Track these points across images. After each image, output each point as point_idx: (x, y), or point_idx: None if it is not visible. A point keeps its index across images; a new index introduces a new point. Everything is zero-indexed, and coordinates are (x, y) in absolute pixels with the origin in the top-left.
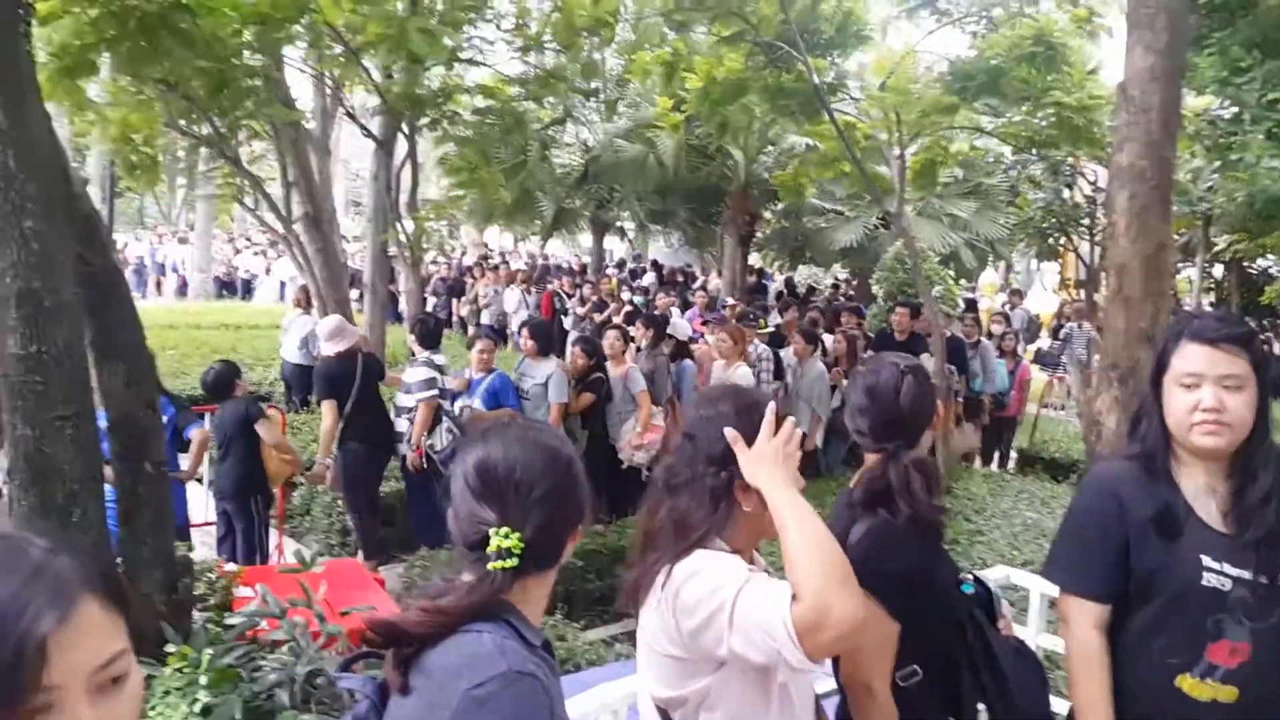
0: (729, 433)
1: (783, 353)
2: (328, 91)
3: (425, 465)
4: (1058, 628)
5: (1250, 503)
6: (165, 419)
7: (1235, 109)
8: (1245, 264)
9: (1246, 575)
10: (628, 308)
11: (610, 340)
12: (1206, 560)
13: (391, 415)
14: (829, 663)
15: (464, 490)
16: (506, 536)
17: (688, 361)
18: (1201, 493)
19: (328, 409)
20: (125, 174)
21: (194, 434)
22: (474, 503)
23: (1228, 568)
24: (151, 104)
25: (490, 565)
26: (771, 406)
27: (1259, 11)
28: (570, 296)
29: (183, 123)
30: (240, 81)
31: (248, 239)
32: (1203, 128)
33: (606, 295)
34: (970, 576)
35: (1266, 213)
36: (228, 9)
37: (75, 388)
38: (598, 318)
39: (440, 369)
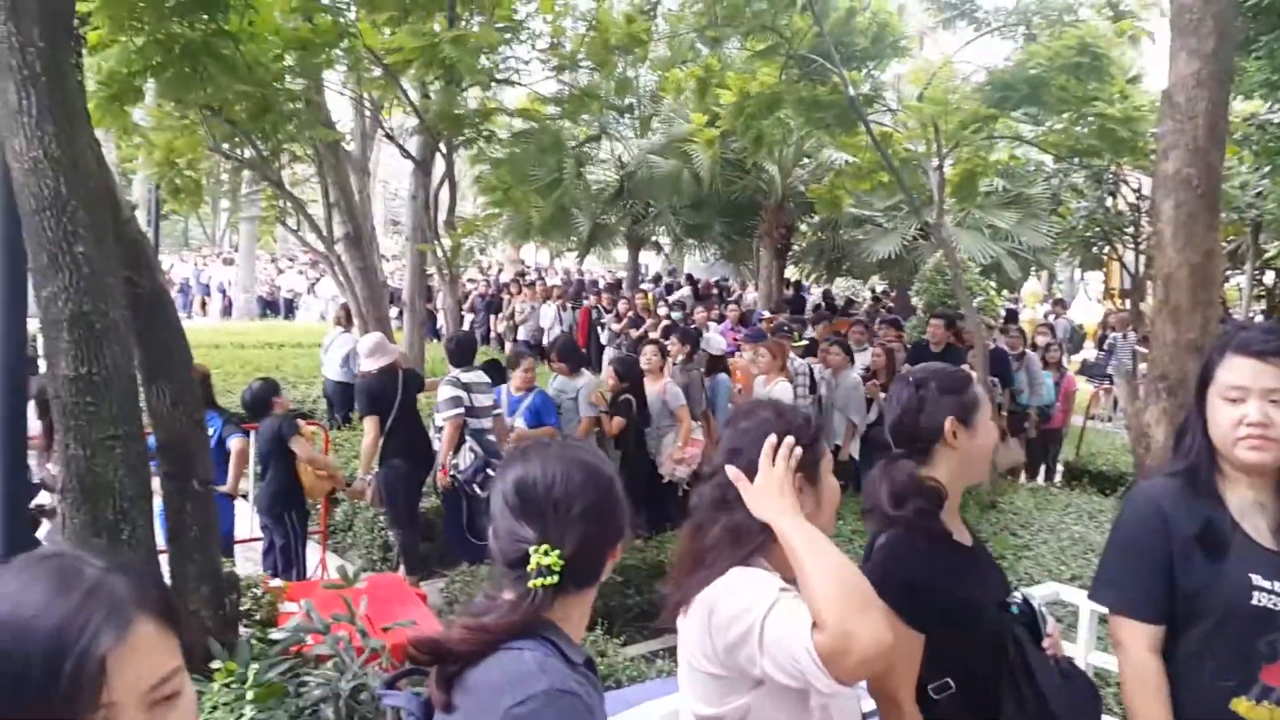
0: (730, 471)
1: (816, 365)
2: (367, 113)
3: (451, 485)
4: (1107, 645)
5: None
6: (212, 432)
7: None
8: None
9: None
10: (665, 322)
11: (648, 355)
12: (1256, 579)
13: (431, 432)
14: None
15: (503, 508)
16: (546, 554)
17: (722, 376)
18: (1249, 509)
19: (370, 425)
20: (170, 197)
21: (233, 444)
22: (513, 521)
23: (1278, 586)
24: (195, 128)
25: (530, 583)
26: (770, 440)
27: None
28: (607, 312)
29: (226, 146)
30: (282, 105)
31: (290, 259)
32: (1250, 133)
33: (642, 310)
34: (1019, 596)
35: None
36: (270, 35)
37: (125, 408)
38: (634, 333)
39: (467, 387)
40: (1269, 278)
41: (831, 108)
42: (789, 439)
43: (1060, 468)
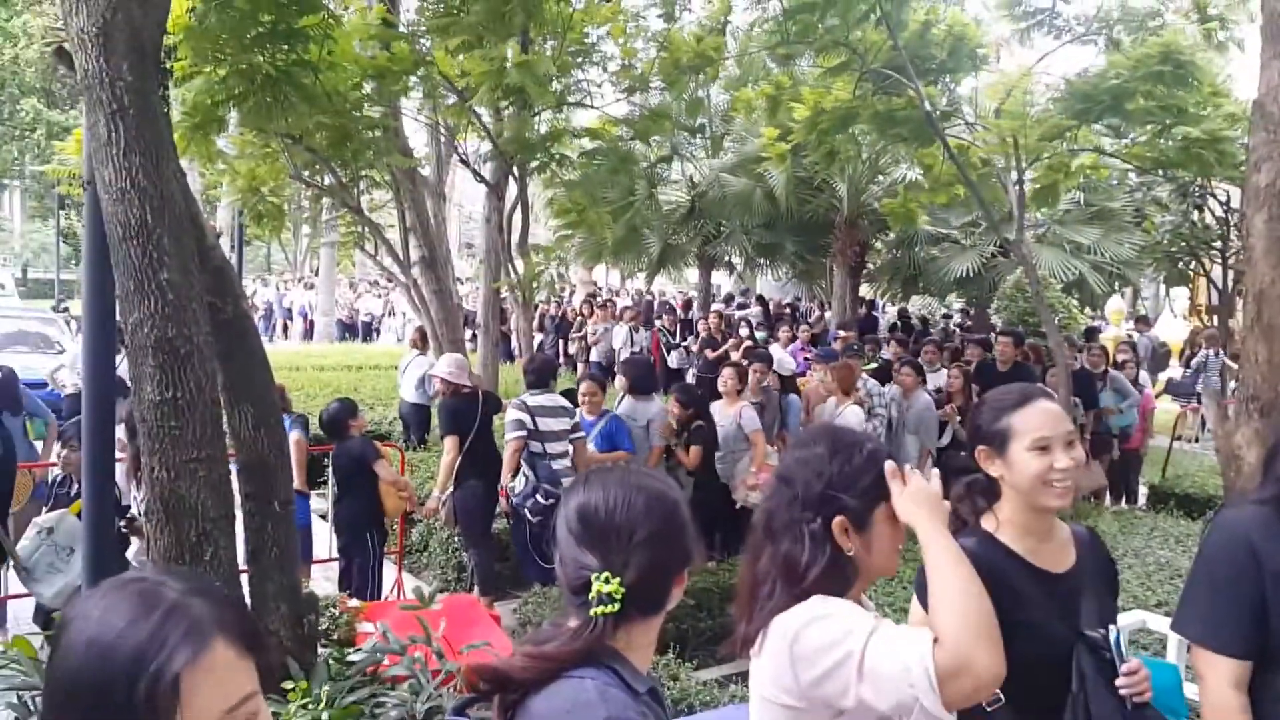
0: (889, 466)
1: (887, 387)
2: (442, 138)
3: (509, 508)
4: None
5: None
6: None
7: None
8: None
9: None
10: (747, 343)
11: (725, 378)
12: None
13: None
14: None
15: (567, 535)
16: (607, 581)
17: (792, 396)
18: None
19: (450, 444)
20: (253, 223)
21: (291, 437)
22: (576, 548)
23: None
24: (277, 156)
25: (592, 611)
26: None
27: None
28: (672, 334)
29: (306, 173)
30: (360, 133)
31: (370, 282)
32: None
33: (716, 332)
34: (1110, 630)
35: None
36: (348, 64)
37: (208, 431)
38: (710, 354)
39: (533, 410)
40: None
41: (907, 122)
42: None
43: (1145, 490)
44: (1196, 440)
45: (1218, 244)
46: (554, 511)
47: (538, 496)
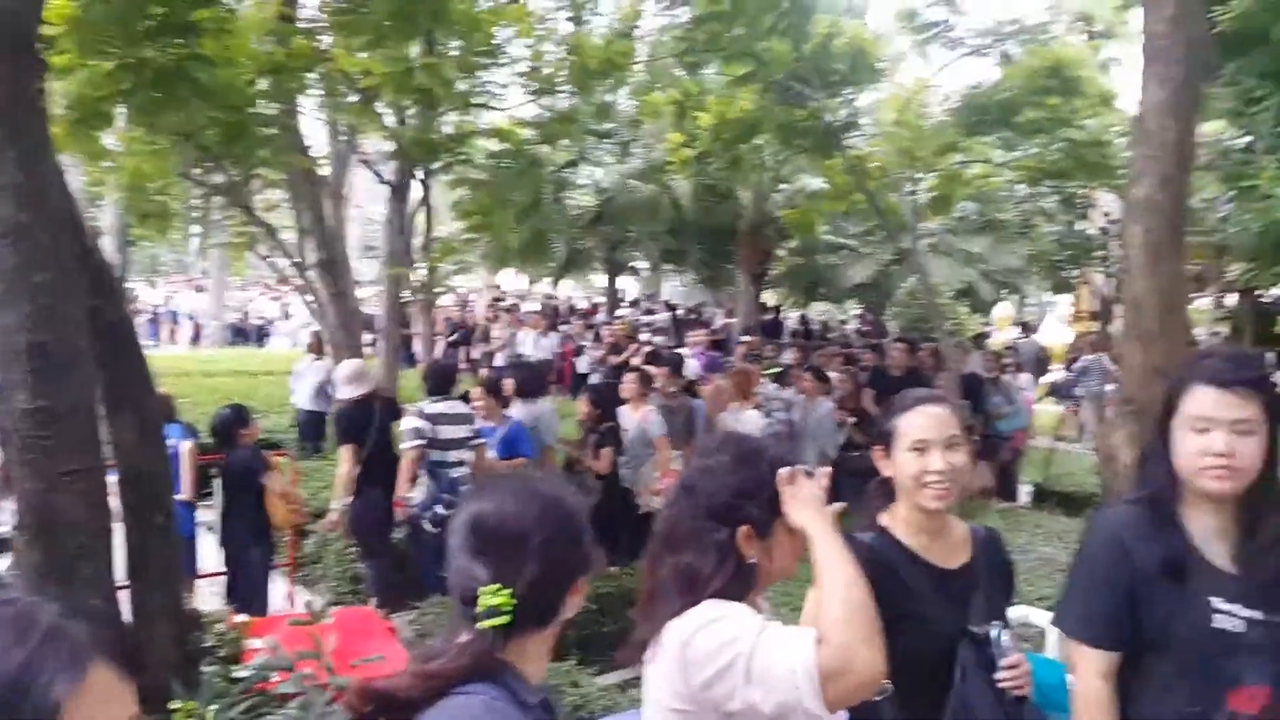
0: (782, 472)
1: (788, 392)
2: (342, 138)
3: (407, 518)
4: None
5: (1260, 544)
6: (172, 442)
7: (1248, 139)
8: (1259, 294)
9: (1259, 616)
10: (647, 348)
11: (628, 383)
12: (1216, 602)
13: None
14: None
15: (458, 547)
16: (496, 594)
17: (697, 401)
18: (1210, 535)
19: (346, 453)
20: (138, 223)
21: (181, 447)
22: (466, 559)
23: (1239, 609)
24: (165, 154)
25: (479, 625)
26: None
27: (1272, 43)
28: (585, 339)
29: (197, 171)
30: (255, 130)
31: (265, 285)
32: (1216, 157)
33: (622, 337)
34: (994, 626)
35: None
36: (244, 59)
37: (85, 441)
38: (614, 360)
39: (433, 418)
40: (1233, 300)
41: (809, 133)
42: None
43: (1028, 488)
44: (1077, 441)
45: (1100, 253)
46: None
47: (437, 507)
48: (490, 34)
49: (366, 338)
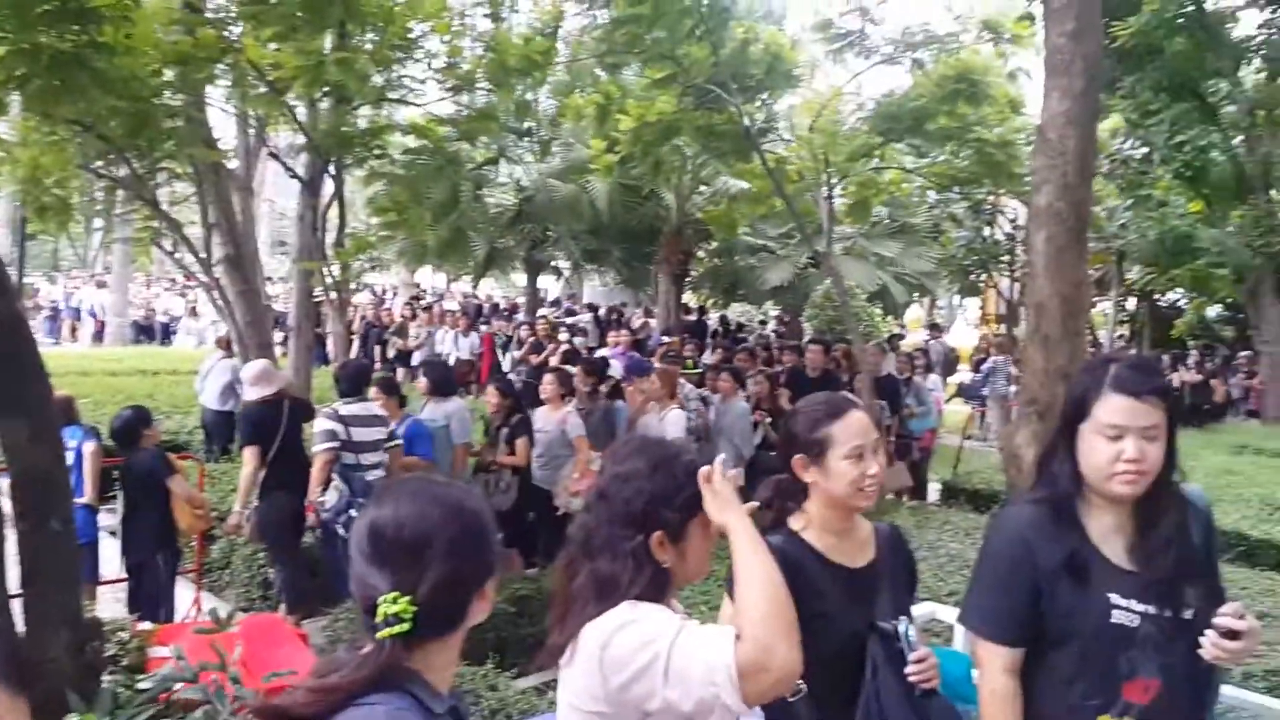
0: (702, 471)
1: (704, 391)
2: (251, 130)
3: (319, 522)
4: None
5: (1155, 542)
6: (74, 444)
7: (1145, 149)
8: (1156, 298)
9: (1152, 611)
10: (565, 347)
11: (547, 383)
12: (1114, 598)
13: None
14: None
15: (357, 555)
16: (395, 602)
17: (619, 403)
18: (1108, 533)
19: (250, 455)
20: (36, 216)
21: (85, 448)
22: (365, 567)
23: (1134, 604)
24: (64, 144)
25: (379, 634)
26: (720, 458)
27: (1166, 58)
28: (509, 338)
29: (99, 163)
30: (160, 121)
31: (170, 281)
32: (1116, 166)
33: (544, 337)
34: (901, 621)
35: (1175, 249)
36: (147, 48)
37: None
38: (534, 359)
39: (345, 420)
40: (1132, 303)
41: (727, 136)
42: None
43: (937, 486)
44: (984, 440)
45: (1006, 258)
46: None
47: (351, 511)
48: (405, 28)
49: (277, 336)
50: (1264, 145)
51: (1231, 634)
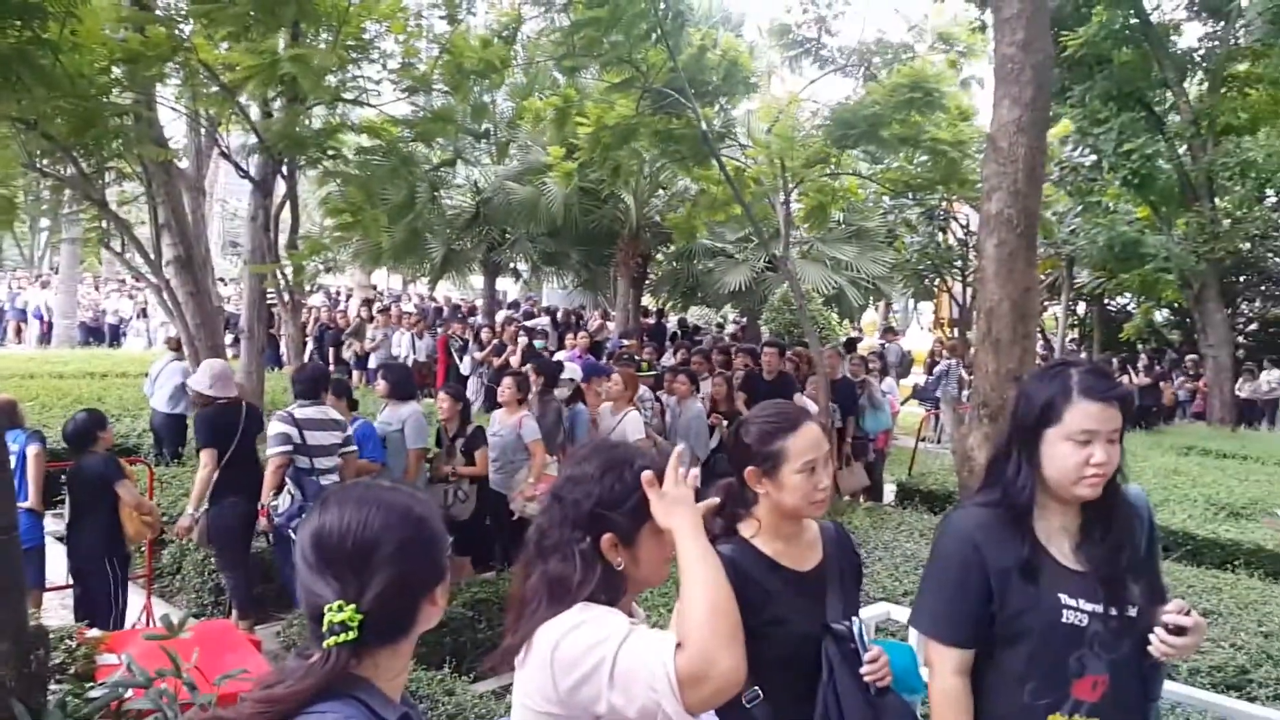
0: (645, 475)
1: (662, 394)
2: (203, 130)
3: (271, 526)
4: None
5: (1102, 541)
6: (15, 448)
7: (1095, 157)
8: (1105, 302)
9: (1099, 609)
10: (523, 344)
11: (504, 386)
12: (1064, 598)
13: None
14: None
15: (302, 562)
16: (340, 610)
17: (580, 406)
18: (1055, 534)
19: (207, 457)
20: None
21: (29, 451)
22: (310, 575)
23: (1083, 603)
24: (8, 143)
25: (325, 642)
26: (677, 451)
27: (1114, 68)
28: (465, 341)
29: (45, 162)
30: (108, 120)
31: (119, 282)
32: (1066, 174)
33: (507, 339)
34: (854, 621)
35: (1123, 254)
36: (95, 45)
37: None
38: (495, 361)
39: (301, 423)
40: (1082, 308)
41: (685, 141)
42: (679, 448)
43: (892, 487)
44: (938, 441)
45: (959, 263)
46: None
47: (304, 515)
48: (360, 28)
49: (229, 338)
50: (1207, 154)
51: (1178, 630)
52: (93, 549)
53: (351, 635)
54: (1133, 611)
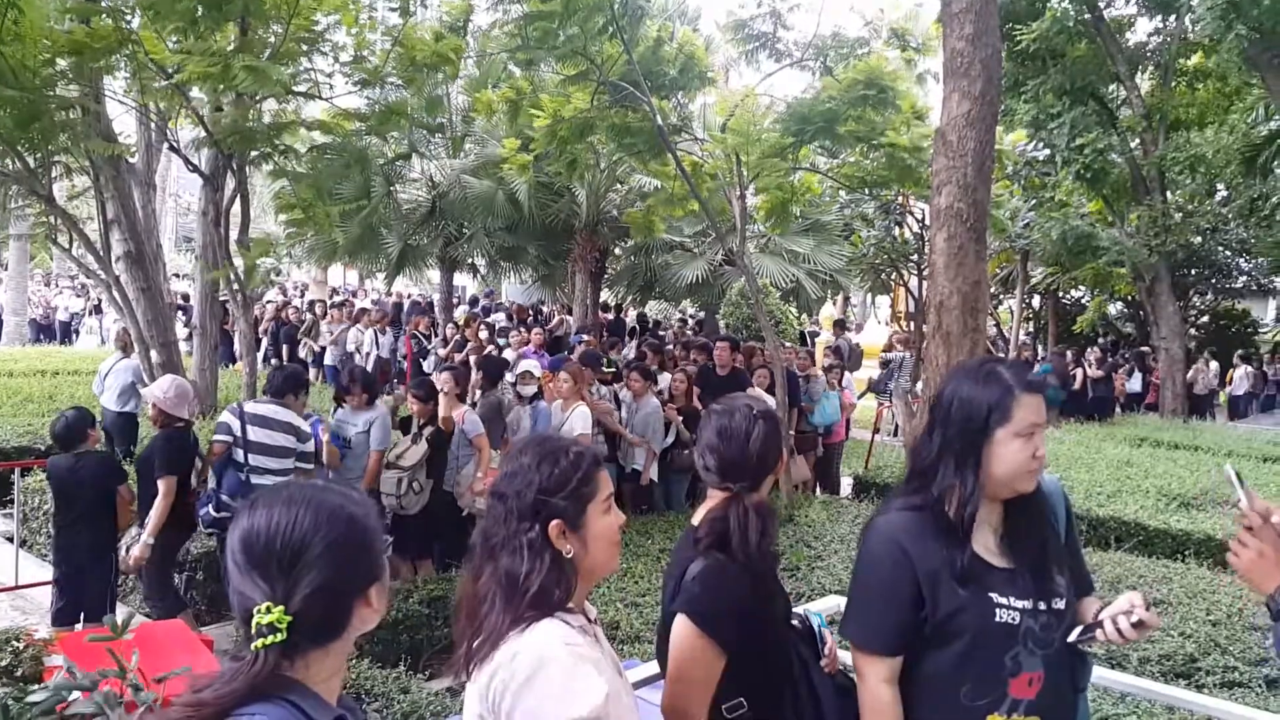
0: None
1: (617, 387)
2: (152, 124)
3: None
4: None
5: (1026, 535)
6: None
7: (1048, 151)
8: (1060, 295)
9: (1029, 605)
10: (490, 348)
11: (442, 382)
12: (995, 597)
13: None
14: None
15: (231, 563)
16: (268, 611)
17: (542, 404)
18: (981, 532)
19: (166, 486)
20: None
21: None
22: (239, 577)
23: (1013, 600)
24: None
25: (253, 644)
26: None
27: (1067, 61)
28: (428, 337)
29: None
30: (53, 114)
31: (70, 278)
32: (1020, 168)
33: (472, 334)
34: (801, 613)
35: (1077, 248)
36: (37, 37)
37: None
38: (458, 357)
39: (245, 418)
40: (1036, 301)
41: (641, 134)
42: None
43: (850, 480)
44: (895, 434)
45: (914, 257)
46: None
47: (210, 508)
48: (310, 20)
49: (181, 333)
50: (1158, 148)
51: (1138, 624)
52: (94, 546)
53: (280, 637)
54: (1060, 604)
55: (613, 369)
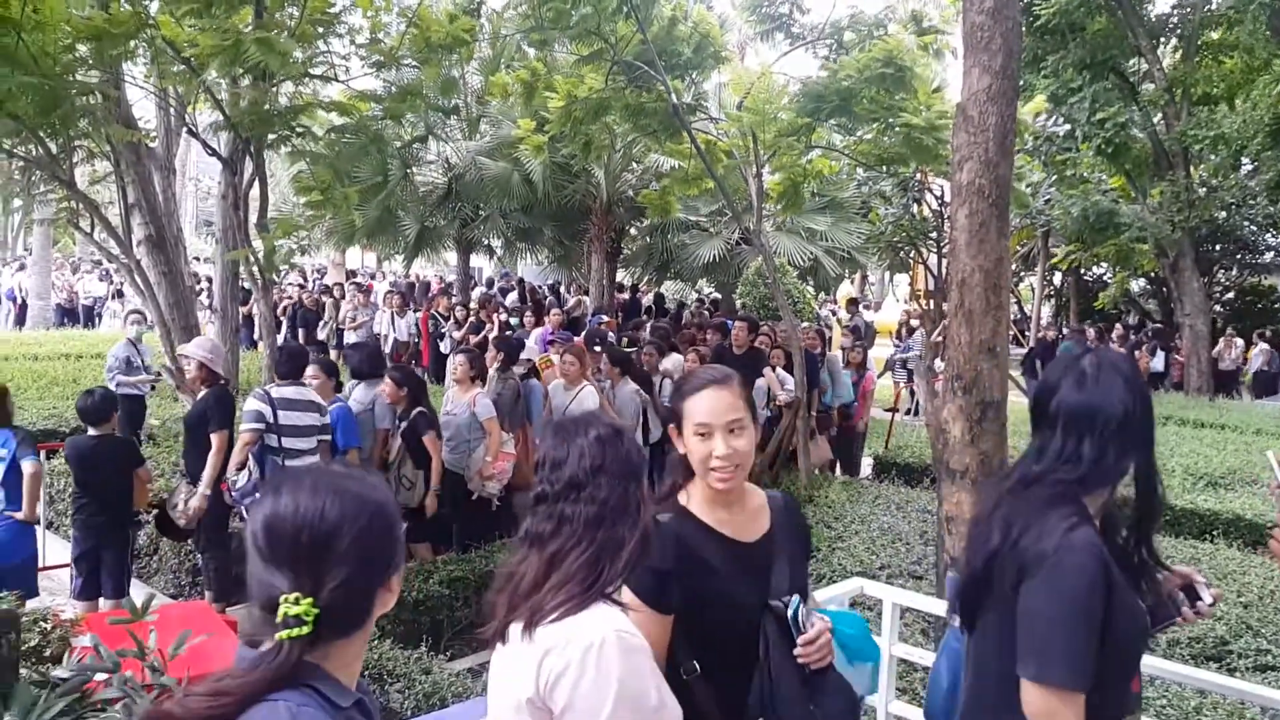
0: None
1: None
2: (171, 108)
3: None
4: (907, 636)
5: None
6: (4, 453)
7: (1068, 126)
8: (1081, 272)
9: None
10: (507, 330)
11: (456, 364)
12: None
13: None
14: None
15: (253, 551)
16: (296, 603)
17: (534, 382)
18: None
19: (220, 440)
20: None
21: (26, 467)
22: (262, 565)
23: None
24: None
25: (279, 635)
26: None
27: (1087, 35)
28: (446, 319)
29: (10, 143)
30: (74, 99)
31: (94, 263)
32: (1040, 144)
33: (486, 316)
34: (793, 599)
35: (1098, 225)
36: (58, 24)
37: None
38: (474, 339)
39: (275, 402)
40: (1058, 278)
41: (656, 114)
42: None
43: (869, 462)
44: (910, 414)
45: (933, 235)
46: None
47: (258, 493)
48: (326, 2)
49: (203, 317)
50: (1181, 122)
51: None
52: (112, 525)
53: (307, 630)
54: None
55: (634, 348)
